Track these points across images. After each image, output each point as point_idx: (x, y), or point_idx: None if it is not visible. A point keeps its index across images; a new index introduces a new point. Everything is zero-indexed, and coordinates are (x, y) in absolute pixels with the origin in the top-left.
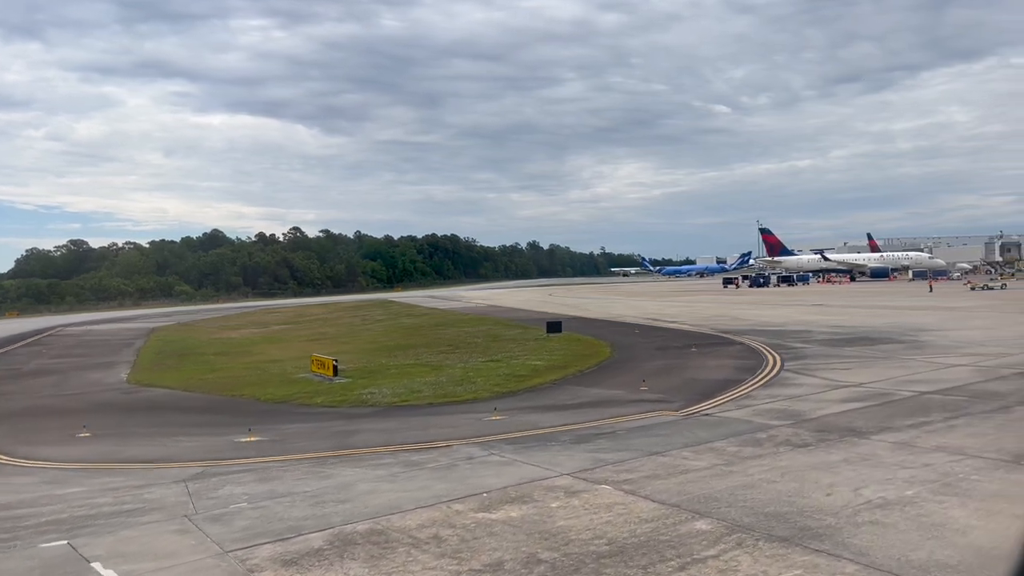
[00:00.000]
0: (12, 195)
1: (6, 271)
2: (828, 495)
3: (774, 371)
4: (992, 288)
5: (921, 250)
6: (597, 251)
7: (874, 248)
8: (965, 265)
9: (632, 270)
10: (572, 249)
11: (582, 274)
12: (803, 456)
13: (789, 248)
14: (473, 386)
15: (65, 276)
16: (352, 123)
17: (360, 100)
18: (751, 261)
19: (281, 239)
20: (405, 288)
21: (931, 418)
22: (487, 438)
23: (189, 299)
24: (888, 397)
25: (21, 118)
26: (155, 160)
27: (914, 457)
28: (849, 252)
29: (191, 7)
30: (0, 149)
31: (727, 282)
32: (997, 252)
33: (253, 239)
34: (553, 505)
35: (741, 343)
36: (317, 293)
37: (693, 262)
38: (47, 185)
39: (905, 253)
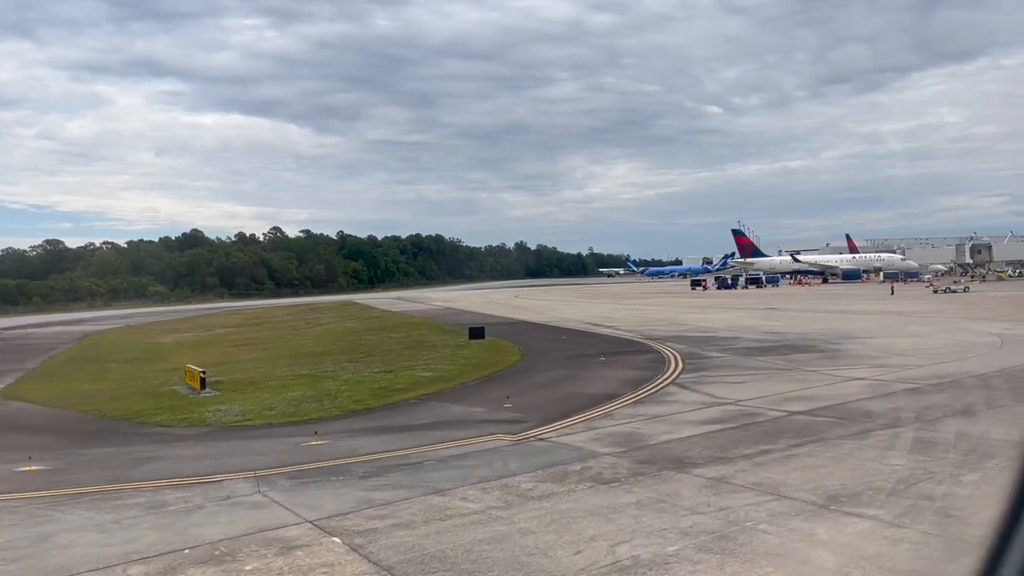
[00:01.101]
0: (4, 194)
1: None
2: (577, 553)
3: (662, 385)
4: (955, 291)
5: (894, 251)
6: (586, 251)
7: (853, 249)
8: (940, 267)
9: (618, 271)
10: (561, 250)
11: (570, 274)
12: (595, 497)
13: (761, 250)
14: (333, 402)
15: (41, 276)
16: (345, 123)
17: (353, 100)
18: (728, 263)
19: (261, 239)
20: (385, 289)
21: (776, 445)
22: (278, 470)
23: (163, 300)
24: (754, 418)
25: (12, 117)
26: (147, 159)
27: (717, 498)
28: (832, 253)
29: (183, 6)
30: None
31: (695, 284)
32: (967, 254)
33: (233, 239)
34: (248, 568)
35: (657, 351)
36: (295, 294)
37: (680, 262)
38: (39, 184)
39: (878, 255)
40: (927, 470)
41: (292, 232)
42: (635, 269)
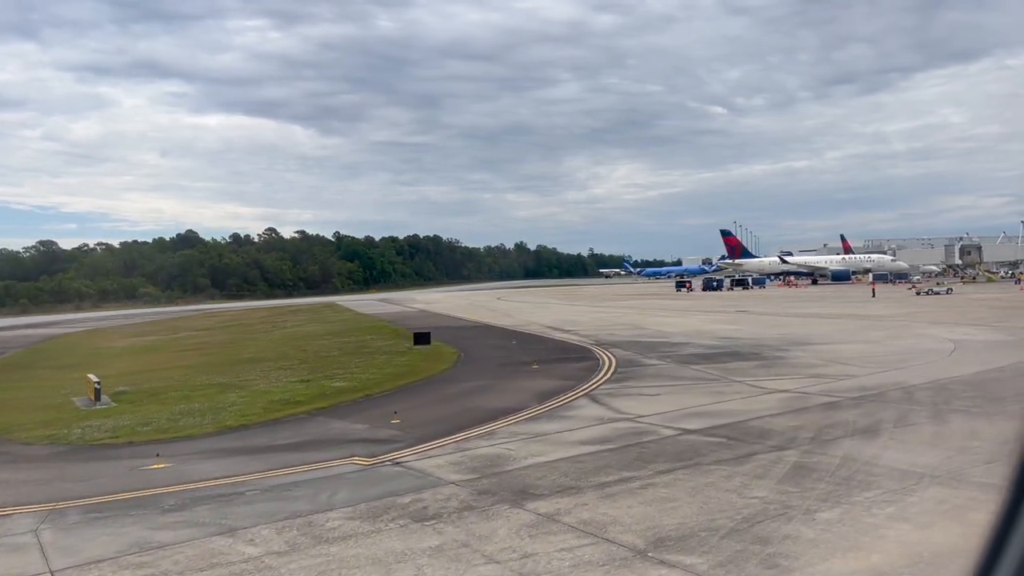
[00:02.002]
0: (7, 195)
1: None
2: None
3: (575, 397)
4: (938, 292)
5: (885, 252)
6: (586, 252)
7: (847, 249)
8: (934, 268)
9: (617, 271)
10: (562, 250)
11: (569, 275)
12: (396, 539)
13: (751, 251)
14: (216, 417)
15: (34, 278)
16: (347, 124)
17: (355, 101)
18: (715, 265)
19: (256, 240)
20: (379, 290)
21: (642, 472)
22: (86, 500)
23: (154, 301)
24: (641, 437)
25: (16, 118)
26: (151, 160)
27: (530, 541)
28: (829, 253)
29: (186, 7)
30: None
31: (680, 286)
32: (957, 255)
33: (228, 240)
34: None
35: (597, 358)
36: (288, 295)
37: (681, 263)
38: (43, 185)
39: (868, 256)
40: (785, 504)
41: (296, 233)
42: (632, 270)
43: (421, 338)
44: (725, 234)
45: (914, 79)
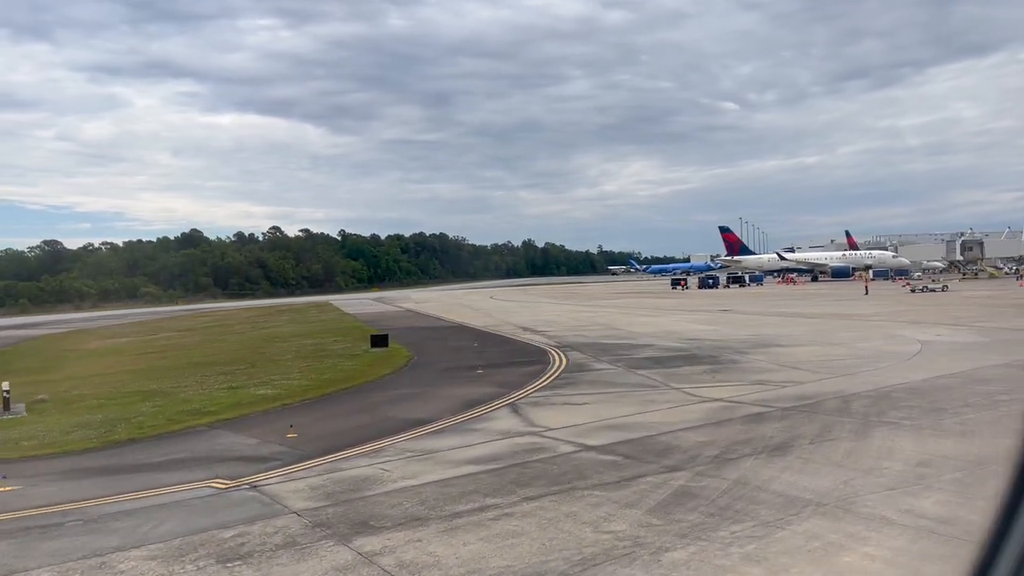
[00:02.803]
0: (22, 195)
1: None
2: None
3: (498, 407)
4: (933, 290)
5: (886, 248)
6: (595, 249)
7: (852, 245)
8: (939, 264)
9: (623, 268)
10: (571, 248)
11: (577, 272)
12: None
13: (749, 247)
14: (112, 429)
15: (39, 277)
16: (359, 122)
17: (367, 99)
18: (715, 262)
19: (260, 238)
20: (382, 288)
21: (508, 499)
22: None
23: (154, 301)
24: (533, 455)
25: (30, 119)
26: (164, 160)
27: None
28: (836, 249)
29: (198, 7)
30: (10, 149)
31: (675, 283)
32: (958, 251)
33: (232, 239)
34: None
35: (548, 361)
36: (291, 294)
37: (689, 260)
38: (57, 185)
39: (868, 252)
40: (637, 541)
41: (300, 231)
42: (637, 267)
43: (378, 341)
44: (724, 231)
45: (928, 73)
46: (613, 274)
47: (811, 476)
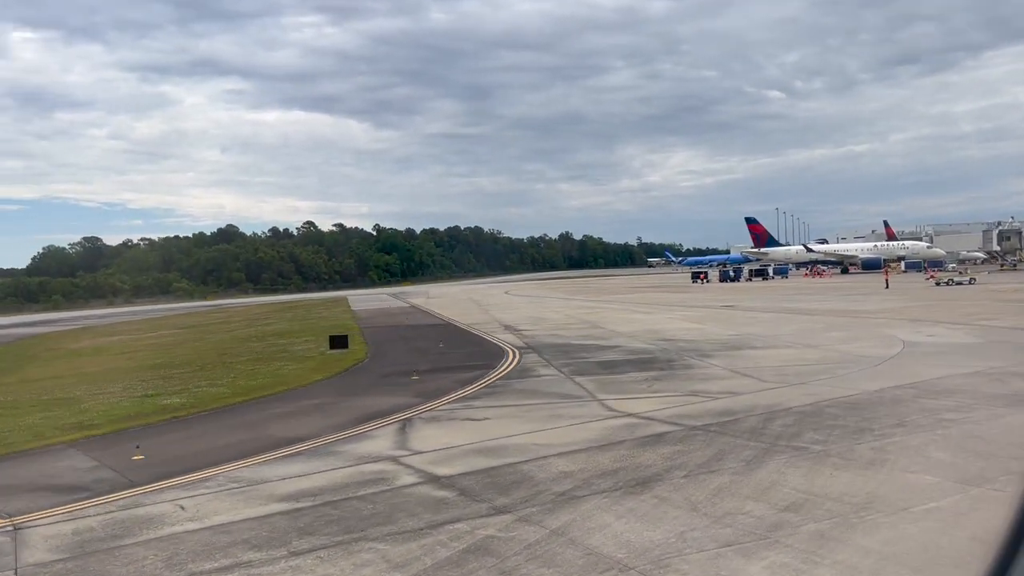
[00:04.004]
0: (77, 193)
1: (24, 267)
2: None
3: (390, 423)
4: (961, 283)
5: (921, 239)
6: (634, 241)
7: (891, 236)
8: (979, 254)
9: (659, 260)
10: (611, 240)
11: (615, 265)
12: None
13: (780, 239)
14: None
15: (80, 273)
16: (402, 117)
17: (409, 94)
18: (741, 255)
19: (295, 233)
20: (414, 283)
21: (266, 555)
22: None
23: (186, 296)
24: (368, 488)
25: (84, 118)
26: (212, 157)
27: None
28: (876, 240)
29: (243, 5)
30: (65, 148)
31: (695, 277)
32: (995, 240)
33: (267, 234)
34: None
35: (496, 366)
36: (323, 288)
37: (728, 252)
38: (110, 183)
39: (902, 243)
40: None
41: (334, 226)
42: (673, 260)
43: (337, 342)
44: (750, 221)
45: (983, 57)
46: (650, 266)
47: (649, 524)
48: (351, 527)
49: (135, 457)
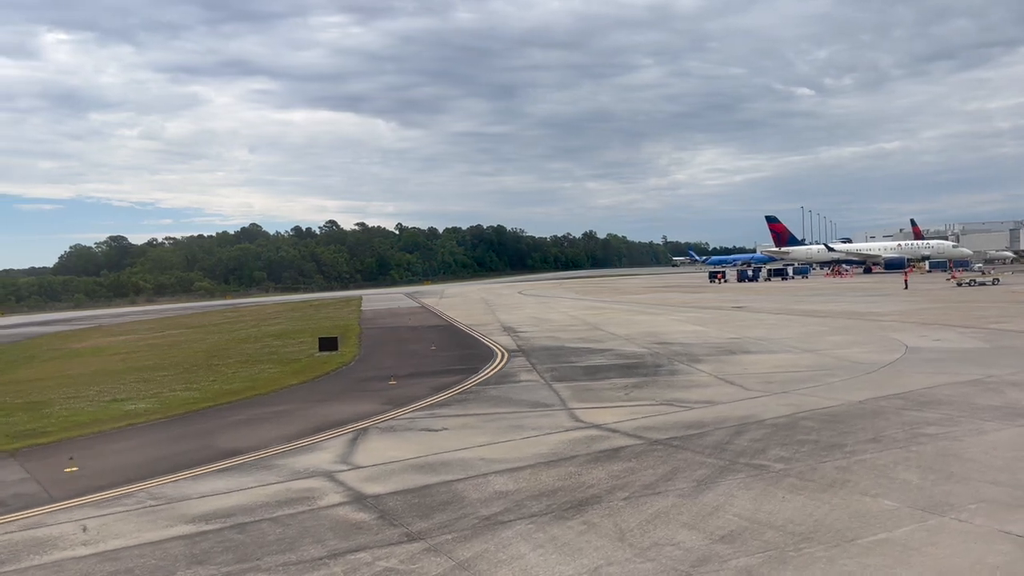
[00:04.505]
0: (110, 192)
1: (51, 266)
2: None
3: (345, 434)
4: (984, 283)
5: (946, 238)
6: (659, 240)
7: (918, 235)
8: (1008, 253)
9: (683, 259)
10: (636, 238)
11: (640, 264)
12: None
13: (798, 238)
14: None
15: (107, 272)
16: (428, 116)
17: (435, 93)
18: (759, 254)
19: (317, 232)
20: (434, 282)
21: None
22: None
23: (208, 295)
24: (280, 510)
25: (116, 118)
26: (241, 156)
27: None
28: (904, 239)
29: (271, 6)
30: (97, 148)
31: (712, 276)
32: (1022, 239)
33: (289, 233)
34: None
35: (479, 370)
36: (345, 287)
37: (754, 250)
38: (142, 182)
39: (926, 242)
40: None
41: (356, 225)
42: (697, 259)
43: (326, 344)
44: (770, 220)
45: (1020, 52)
46: (674, 265)
47: (566, 556)
48: (247, 555)
49: (68, 469)
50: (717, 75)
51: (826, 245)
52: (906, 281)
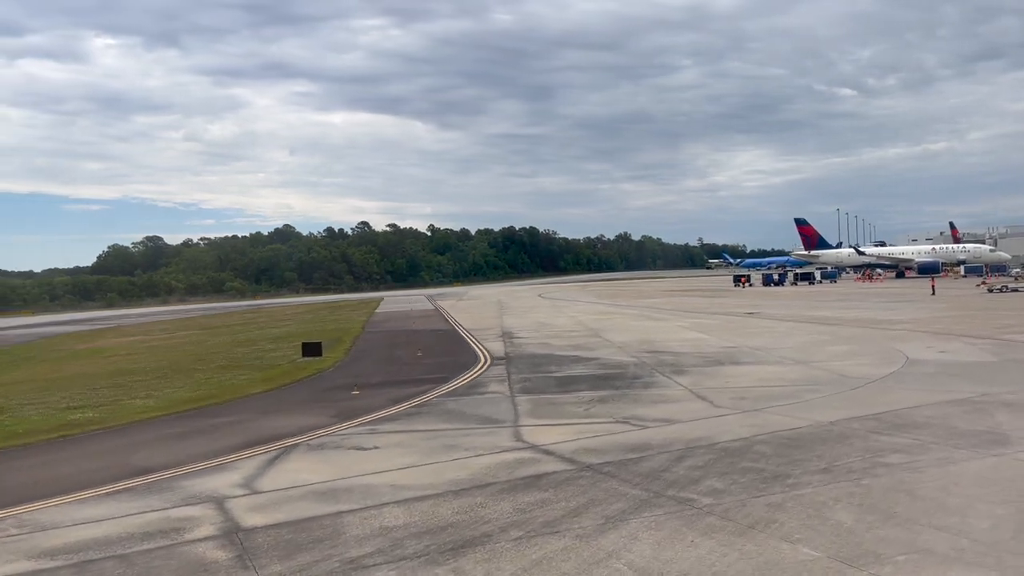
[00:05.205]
0: (155, 193)
1: (88, 266)
2: None
3: (269, 452)
4: (1017, 289)
5: (983, 242)
6: (695, 242)
7: (956, 238)
8: None
9: (717, 262)
10: (671, 240)
11: (674, 266)
12: None
13: (829, 241)
14: None
15: (143, 271)
16: (465, 118)
17: (473, 95)
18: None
19: (350, 233)
20: (466, 283)
21: None
22: None
23: (238, 295)
24: (133, 547)
25: (162, 121)
26: (281, 158)
27: None
28: (945, 242)
29: (312, 9)
30: (143, 150)
31: (736, 280)
32: None
33: (321, 234)
34: None
35: (449, 380)
36: (375, 288)
37: (790, 254)
38: (185, 184)
39: (963, 246)
40: None
41: (387, 226)
42: (732, 261)
43: (310, 350)
44: (800, 223)
45: None
46: (709, 267)
47: None
48: None
49: None
50: (757, 76)
51: (856, 248)
52: (933, 287)
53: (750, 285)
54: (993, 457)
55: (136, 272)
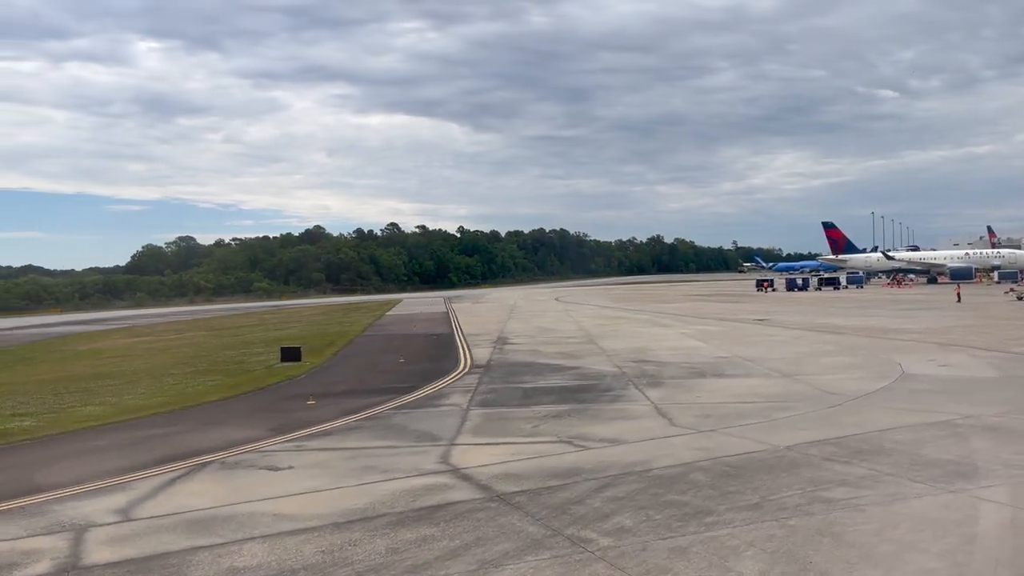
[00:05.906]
0: (196, 194)
1: (122, 265)
2: None
3: (174, 472)
4: None
5: (1020, 247)
6: (729, 245)
7: (993, 243)
8: None
9: (749, 265)
10: (704, 243)
11: (707, 269)
12: None
13: (857, 245)
14: None
15: (176, 271)
16: (501, 120)
17: (509, 97)
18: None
19: (379, 234)
20: (494, 285)
21: None
22: None
23: (266, 295)
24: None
25: (202, 123)
26: (319, 160)
27: None
28: (983, 247)
29: (351, 12)
30: (184, 152)
31: (759, 285)
32: None
33: (351, 235)
34: None
35: (414, 391)
36: (402, 289)
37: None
38: (224, 185)
39: (997, 251)
40: None
41: (416, 228)
42: (764, 265)
43: (288, 354)
44: (827, 227)
45: None
46: (741, 271)
47: None
48: None
49: None
50: (796, 77)
51: (884, 253)
52: (959, 293)
53: (773, 290)
54: (949, 494)
55: (167, 272)
